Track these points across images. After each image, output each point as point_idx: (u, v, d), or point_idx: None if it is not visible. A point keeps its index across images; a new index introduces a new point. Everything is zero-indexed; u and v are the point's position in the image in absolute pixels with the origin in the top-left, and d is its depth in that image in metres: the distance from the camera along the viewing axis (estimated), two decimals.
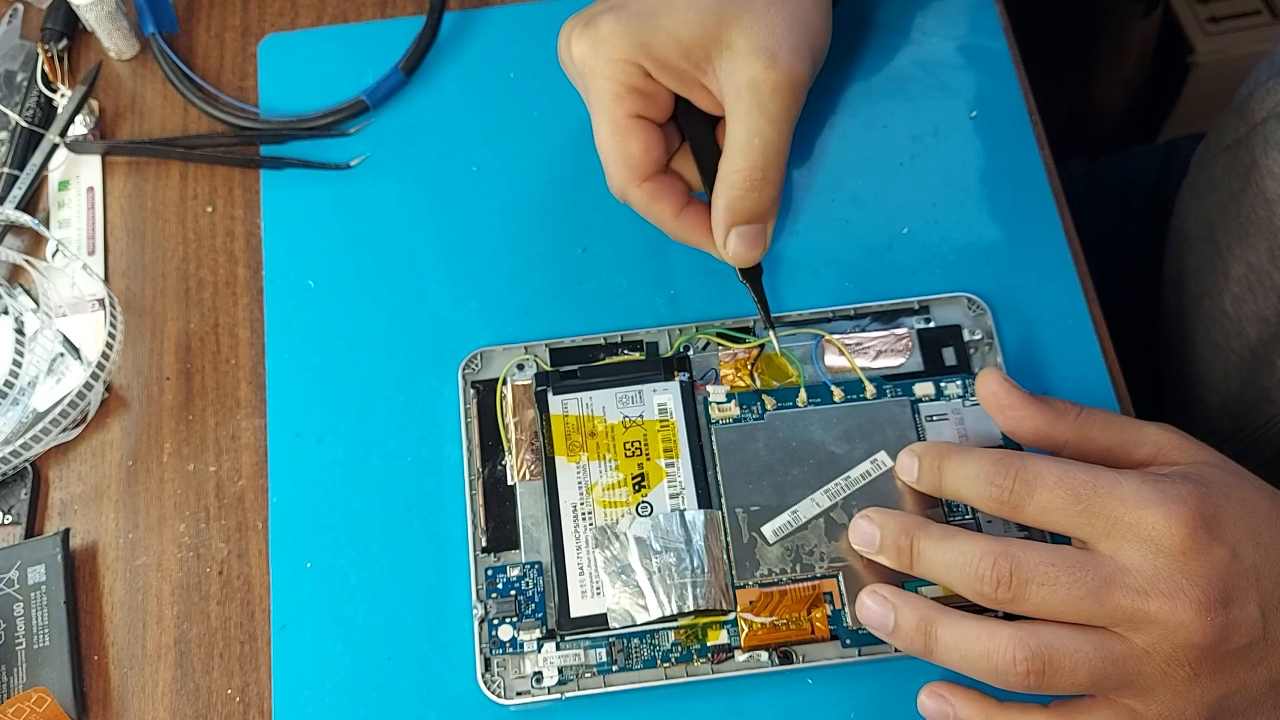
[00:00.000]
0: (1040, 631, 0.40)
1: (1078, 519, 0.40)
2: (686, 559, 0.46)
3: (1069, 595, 0.39)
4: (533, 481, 0.48)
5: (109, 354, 0.51)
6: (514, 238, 0.54)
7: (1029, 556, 0.40)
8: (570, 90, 0.57)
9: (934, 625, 0.41)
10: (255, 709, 0.47)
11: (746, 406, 0.49)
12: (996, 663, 0.40)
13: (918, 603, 0.42)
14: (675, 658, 0.46)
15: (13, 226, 0.55)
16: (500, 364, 0.51)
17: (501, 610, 0.46)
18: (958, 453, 0.43)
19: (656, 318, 0.52)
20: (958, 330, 0.51)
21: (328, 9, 0.60)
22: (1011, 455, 0.42)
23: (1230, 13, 0.94)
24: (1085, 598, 0.39)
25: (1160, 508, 0.39)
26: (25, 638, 0.47)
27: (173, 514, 0.50)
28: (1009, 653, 0.39)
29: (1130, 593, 0.39)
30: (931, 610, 0.42)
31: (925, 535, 0.42)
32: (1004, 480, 0.41)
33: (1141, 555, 0.39)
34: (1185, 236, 0.63)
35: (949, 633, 0.41)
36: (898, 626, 0.42)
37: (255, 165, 0.56)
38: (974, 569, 0.40)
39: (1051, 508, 0.40)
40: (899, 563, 0.43)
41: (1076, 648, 0.39)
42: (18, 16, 0.60)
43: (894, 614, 0.42)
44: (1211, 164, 0.61)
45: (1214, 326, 0.60)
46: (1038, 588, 0.39)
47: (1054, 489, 0.40)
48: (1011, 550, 0.40)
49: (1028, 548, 0.40)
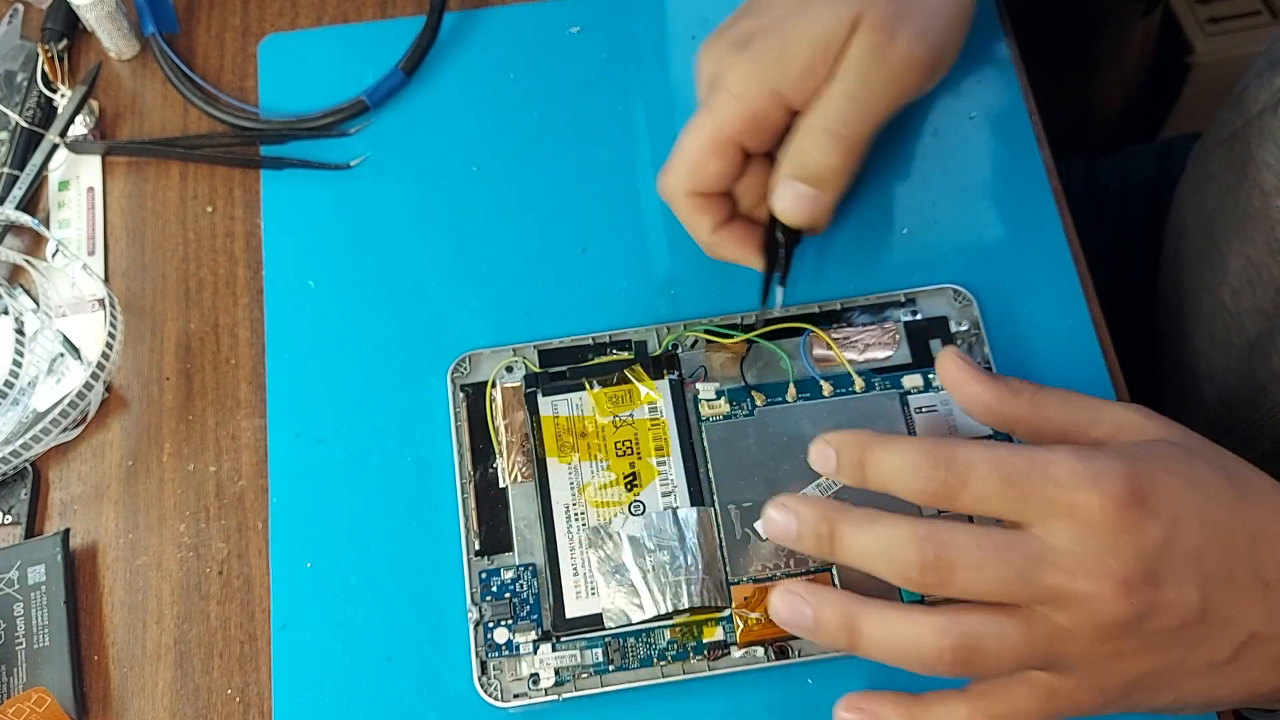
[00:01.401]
0: (966, 619, 0.39)
1: (1013, 505, 0.39)
2: (680, 557, 0.46)
3: (997, 578, 0.38)
4: (525, 483, 0.49)
5: (109, 354, 0.51)
6: (514, 238, 0.54)
7: (956, 539, 0.39)
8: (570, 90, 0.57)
9: (858, 620, 0.40)
10: (255, 709, 0.47)
11: (736, 403, 0.50)
12: (923, 654, 0.39)
13: (838, 599, 0.41)
14: (671, 656, 0.46)
15: (13, 226, 0.55)
16: (489, 366, 0.51)
17: (496, 613, 0.46)
18: (880, 443, 0.41)
19: (657, 317, 0.52)
20: (944, 322, 0.51)
21: (328, 9, 0.61)
22: (939, 443, 0.40)
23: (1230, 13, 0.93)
24: (1013, 580, 0.38)
25: (1092, 487, 0.38)
26: (25, 638, 0.47)
27: (173, 514, 0.50)
28: (935, 643, 0.39)
29: (1058, 573, 0.38)
30: (854, 605, 0.40)
31: (846, 520, 0.40)
32: (934, 472, 0.39)
33: (1072, 536, 0.38)
34: (1183, 231, 0.63)
35: (874, 627, 0.40)
36: (820, 625, 0.41)
37: (255, 165, 0.56)
38: (900, 555, 0.39)
39: (986, 496, 0.39)
40: (818, 550, 0.41)
41: (1003, 633, 0.39)
42: (18, 16, 0.60)
43: (813, 612, 0.41)
44: (1208, 158, 0.60)
45: (1212, 320, 0.60)
46: (965, 571, 0.38)
47: (987, 477, 0.39)
48: (937, 533, 0.39)
49: (954, 530, 0.39)
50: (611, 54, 0.58)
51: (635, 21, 0.59)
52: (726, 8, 0.59)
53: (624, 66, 0.58)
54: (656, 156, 0.55)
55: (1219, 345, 0.60)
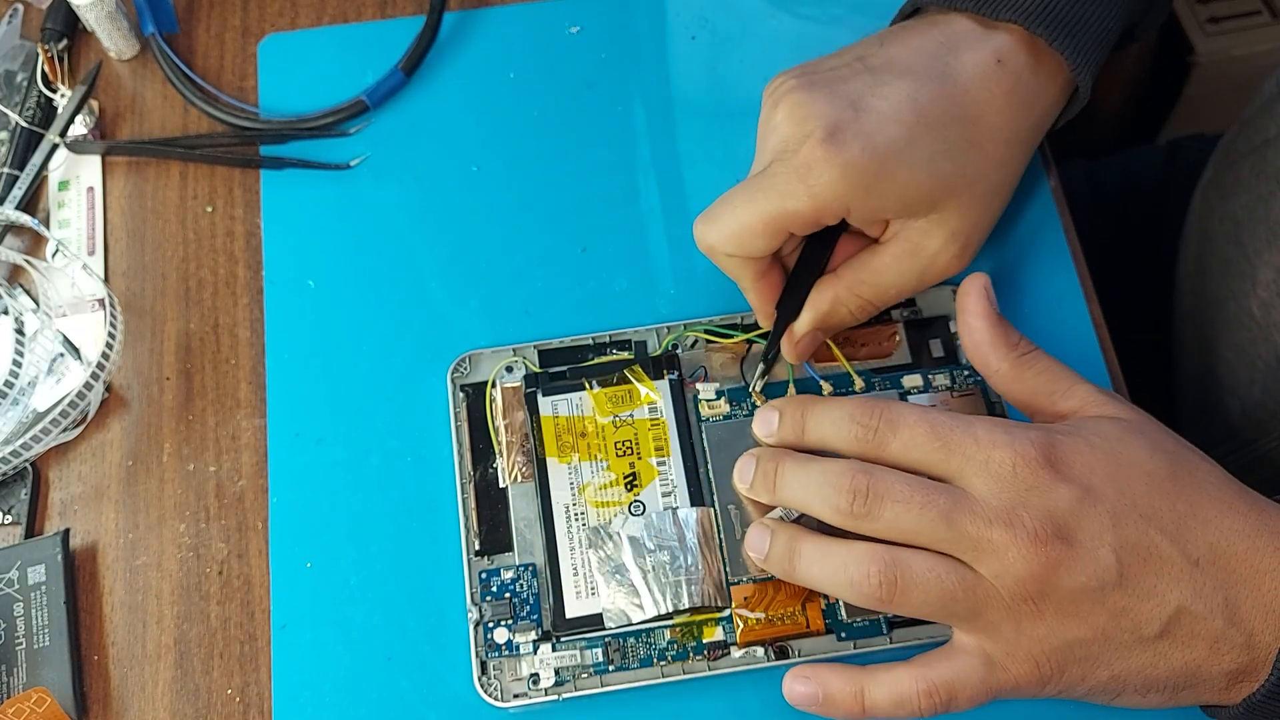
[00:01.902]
0: (896, 550, 0.41)
1: (936, 455, 0.42)
2: (680, 557, 0.46)
3: (921, 516, 0.41)
4: (525, 483, 0.49)
5: (109, 354, 0.51)
6: (514, 238, 0.54)
7: (886, 476, 0.42)
8: (569, 90, 0.57)
9: (799, 543, 0.43)
10: (255, 709, 0.47)
11: (736, 403, 0.50)
12: (852, 574, 0.41)
13: (790, 529, 0.44)
14: (671, 656, 0.46)
15: (13, 226, 0.55)
16: (489, 366, 0.51)
17: (496, 613, 0.46)
18: (819, 401, 0.45)
19: (657, 317, 0.52)
20: (944, 321, 0.51)
21: (328, 9, 0.61)
22: (875, 399, 0.44)
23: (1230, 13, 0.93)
24: (935, 519, 0.40)
25: (1008, 447, 0.41)
26: (25, 638, 0.47)
27: (173, 514, 0.50)
28: (864, 565, 0.41)
29: (976, 519, 0.40)
30: (800, 532, 0.44)
31: (790, 458, 0.44)
32: (869, 420, 0.43)
33: (989, 488, 0.41)
34: (1208, 237, 0.62)
35: (811, 548, 0.43)
36: (770, 550, 0.44)
37: (255, 165, 0.56)
38: (833, 483, 0.42)
39: (913, 444, 0.42)
40: (766, 486, 0.45)
41: (929, 567, 0.41)
42: (18, 16, 0.60)
43: (769, 539, 0.44)
44: (1239, 164, 0.60)
45: (1239, 331, 0.59)
46: (891, 503, 0.41)
47: (915, 426, 0.42)
48: (869, 467, 0.42)
49: (886, 471, 0.42)
50: (611, 54, 0.58)
51: (635, 21, 0.59)
52: (727, 7, 0.59)
53: (624, 66, 0.58)
54: (656, 156, 0.56)
55: (1244, 356, 0.59)
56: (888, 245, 0.48)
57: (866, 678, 0.43)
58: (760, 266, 0.48)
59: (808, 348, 0.49)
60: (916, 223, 0.47)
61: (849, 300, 0.48)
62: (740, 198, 0.46)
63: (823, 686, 0.43)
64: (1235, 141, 0.61)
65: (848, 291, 0.48)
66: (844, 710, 0.43)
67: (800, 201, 0.44)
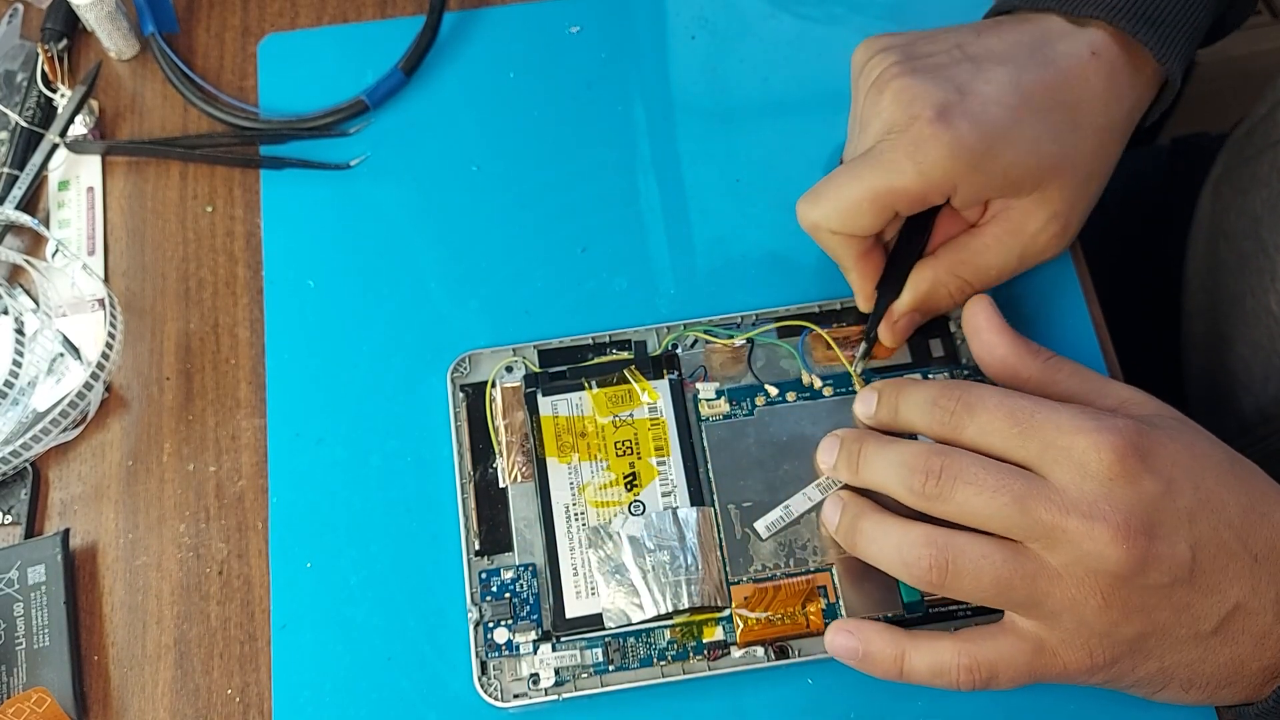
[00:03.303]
0: (953, 533, 0.41)
1: (1014, 440, 0.41)
2: (680, 557, 0.46)
3: (993, 500, 0.40)
4: (524, 483, 0.49)
5: (109, 354, 0.51)
6: (514, 238, 0.54)
7: (962, 458, 0.41)
8: (570, 90, 0.57)
9: (861, 519, 0.44)
10: (255, 709, 0.47)
11: (736, 403, 0.50)
12: (905, 554, 0.41)
13: (859, 503, 0.45)
14: (671, 656, 0.46)
15: (13, 226, 0.55)
16: (489, 366, 0.51)
17: (496, 613, 0.46)
18: (911, 382, 0.46)
19: (657, 317, 0.52)
20: (944, 321, 0.51)
21: (328, 9, 0.61)
22: (957, 382, 0.44)
23: None
24: (1008, 504, 0.40)
25: (1093, 434, 0.40)
26: (25, 638, 0.47)
27: (173, 514, 0.50)
28: (918, 546, 0.41)
29: (1052, 507, 0.39)
30: (865, 507, 0.44)
31: (873, 439, 0.45)
32: (948, 403, 0.43)
33: (1069, 477, 0.40)
34: (1224, 233, 0.62)
35: (870, 525, 0.43)
36: (839, 523, 0.45)
37: (255, 165, 0.56)
38: (908, 463, 0.42)
39: (990, 429, 0.42)
40: (849, 467, 0.45)
41: (985, 554, 0.40)
42: (18, 16, 0.60)
43: (840, 512, 0.45)
44: (1257, 160, 0.60)
45: (1256, 326, 0.59)
46: (964, 486, 0.41)
47: (994, 411, 0.42)
48: (948, 451, 0.42)
49: (961, 453, 0.42)
50: (611, 54, 0.58)
51: (635, 21, 0.59)
52: (727, 7, 0.59)
53: (624, 66, 0.58)
54: (656, 156, 0.56)
55: (1261, 351, 0.59)
56: (988, 226, 0.48)
57: (910, 642, 0.43)
58: (863, 246, 0.48)
59: (905, 329, 0.50)
60: (1019, 202, 0.47)
61: (949, 281, 0.48)
62: (847, 175, 0.47)
63: (865, 643, 0.43)
64: (1250, 136, 0.61)
65: (948, 273, 0.48)
66: (882, 670, 0.43)
67: (909, 178, 0.45)
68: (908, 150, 0.45)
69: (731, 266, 0.53)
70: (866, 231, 0.47)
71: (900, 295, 0.49)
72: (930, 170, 0.45)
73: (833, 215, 0.47)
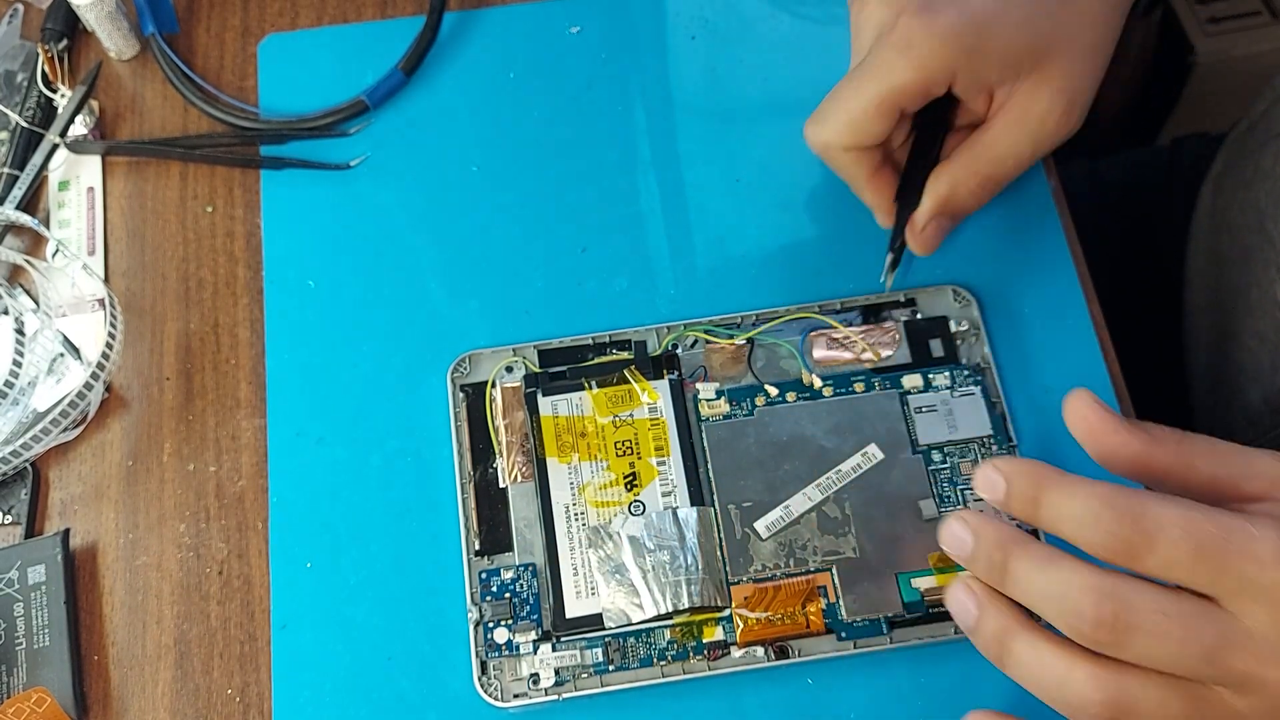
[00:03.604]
0: (1125, 677, 0.36)
1: (1204, 576, 0.35)
2: (680, 557, 0.46)
3: (1180, 653, 0.35)
4: (524, 483, 0.49)
5: (109, 354, 0.51)
6: (514, 238, 0.54)
7: (1140, 600, 0.35)
8: (570, 90, 0.57)
9: (1013, 639, 0.38)
10: (255, 709, 0.47)
11: (736, 403, 0.50)
12: (1070, 698, 0.36)
13: (1003, 610, 0.39)
14: (671, 656, 0.46)
15: (13, 226, 0.55)
16: (489, 366, 0.51)
17: (496, 613, 0.46)
18: (1058, 483, 0.37)
19: (657, 317, 0.52)
20: (944, 322, 0.51)
21: (328, 9, 0.61)
22: (1125, 495, 0.36)
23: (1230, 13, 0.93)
24: (1196, 657, 0.35)
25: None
26: (25, 638, 0.47)
27: (173, 514, 0.50)
28: (1086, 693, 0.36)
29: (1248, 658, 0.35)
30: (1014, 622, 0.38)
31: (1024, 554, 0.37)
32: (1118, 528, 0.36)
33: (1271, 620, 0.35)
34: (1227, 227, 0.62)
35: (1026, 651, 0.37)
36: (978, 629, 0.39)
37: (255, 165, 0.56)
38: (1074, 604, 0.36)
39: (1175, 562, 0.35)
40: (989, 577, 0.39)
41: (1164, 701, 0.36)
42: (18, 16, 0.60)
43: (977, 614, 0.39)
44: (1260, 152, 0.59)
45: (1262, 318, 0.58)
46: (1144, 637, 0.35)
47: (1178, 543, 0.35)
48: (1120, 590, 0.35)
49: (1140, 590, 0.36)
50: (611, 54, 0.58)
51: (635, 21, 0.59)
52: (727, 7, 0.59)
53: (624, 66, 0.58)
54: (656, 156, 0.56)
55: (1267, 343, 0.58)
56: (997, 117, 0.48)
57: None
58: (875, 160, 0.48)
59: (933, 235, 0.49)
60: (1022, 85, 0.47)
61: (967, 179, 0.48)
62: (847, 89, 0.47)
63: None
64: (1252, 131, 0.61)
65: (964, 170, 0.48)
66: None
67: (906, 74, 0.45)
68: (899, 48, 0.45)
69: (731, 266, 0.53)
70: (877, 139, 0.47)
71: (921, 203, 0.48)
72: (926, 61, 0.45)
73: (843, 130, 0.47)
